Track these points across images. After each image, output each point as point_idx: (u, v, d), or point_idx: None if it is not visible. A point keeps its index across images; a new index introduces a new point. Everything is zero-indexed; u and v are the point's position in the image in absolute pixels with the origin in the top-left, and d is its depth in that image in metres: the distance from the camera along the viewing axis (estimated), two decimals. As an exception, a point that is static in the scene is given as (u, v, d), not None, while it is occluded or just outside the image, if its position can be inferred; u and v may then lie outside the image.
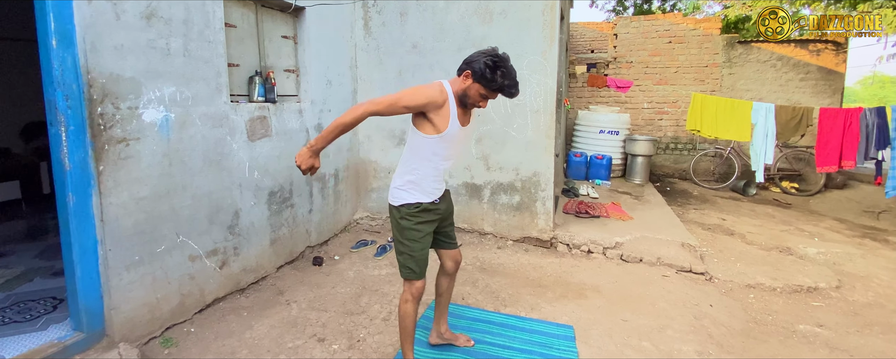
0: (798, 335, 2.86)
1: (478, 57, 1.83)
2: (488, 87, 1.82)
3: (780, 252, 4.24)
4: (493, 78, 1.79)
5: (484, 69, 1.78)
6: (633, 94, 7.46)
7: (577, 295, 3.19)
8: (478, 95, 1.86)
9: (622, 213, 4.76)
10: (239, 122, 2.86)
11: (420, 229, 2.00)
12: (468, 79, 1.85)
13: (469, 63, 1.84)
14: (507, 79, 1.81)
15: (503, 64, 1.80)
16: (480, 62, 1.80)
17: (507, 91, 1.83)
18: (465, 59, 1.88)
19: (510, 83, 1.82)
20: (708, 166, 7.25)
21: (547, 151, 3.88)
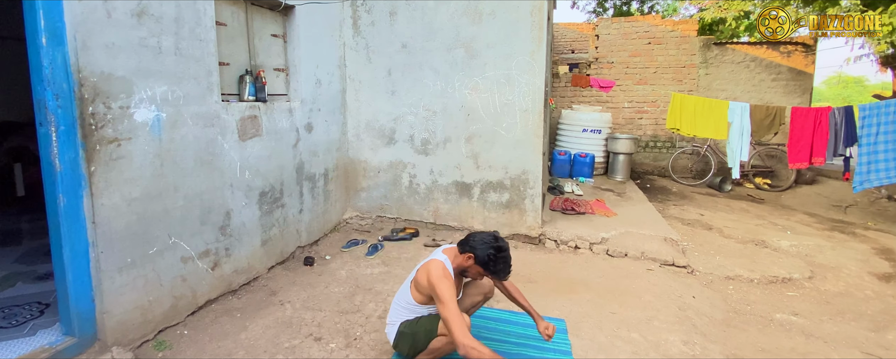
0: (775, 324, 3.01)
1: (481, 245, 2.02)
2: (487, 271, 2.05)
3: (755, 245, 4.43)
4: (495, 267, 2.03)
5: (487, 260, 2.01)
6: (615, 93, 7.64)
7: (566, 289, 3.27)
8: (477, 274, 2.09)
9: (606, 209, 4.88)
10: (230, 121, 2.83)
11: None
12: (470, 260, 2.04)
13: (473, 248, 2.03)
14: (505, 266, 2.05)
15: (503, 253, 2.03)
16: (485, 252, 2.01)
17: (501, 276, 2.08)
18: (468, 242, 2.07)
19: (506, 269, 2.05)
20: (686, 164, 7.48)
21: (535, 149, 3.96)
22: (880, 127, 4.39)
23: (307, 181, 3.73)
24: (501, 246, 2.04)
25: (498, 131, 3.99)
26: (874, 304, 3.36)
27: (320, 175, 3.93)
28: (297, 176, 3.59)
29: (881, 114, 4.41)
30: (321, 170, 3.93)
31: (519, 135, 3.95)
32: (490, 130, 4.01)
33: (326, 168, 4.00)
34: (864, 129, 4.48)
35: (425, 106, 4.12)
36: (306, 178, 3.71)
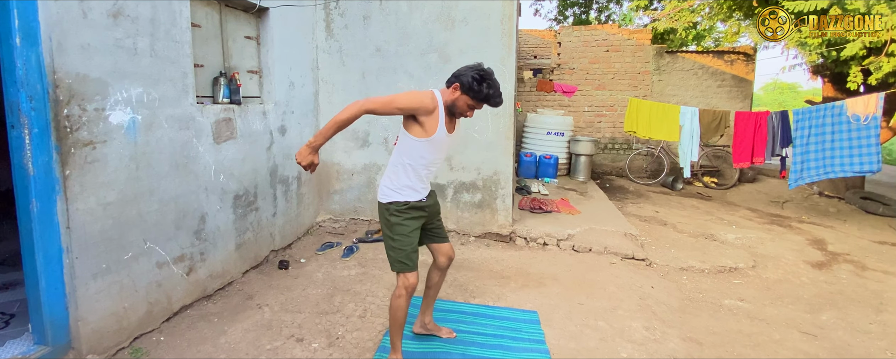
0: (725, 309, 3.30)
1: (466, 71, 1.98)
2: (475, 98, 1.98)
3: (705, 239, 4.80)
4: (480, 90, 1.95)
5: (472, 82, 1.94)
6: (576, 98, 8.00)
7: (537, 284, 3.44)
8: (465, 106, 2.02)
9: (571, 208, 5.13)
10: (205, 124, 2.81)
11: (408, 224, 2.14)
12: (457, 91, 2.00)
13: (458, 76, 1.99)
14: (492, 89, 1.97)
15: (489, 77, 1.97)
16: (468, 76, 1.96)
17: (492, 101, 2.00)
18: (453, 73, 2.04)
19: (494, 93, 1.98)
20: (641, 164, 7.94)
21: (506, 151, 4.12)
22: (811, 129, 4.88)
23: (281, 184, 3.72)
24: (485, 69, 1.98)
25: (471, 134, 4.13)
26: (809, 289, 3.74)
27: (293, 178, 3.92)
28: (271, 179, 3.57)
29: (812, 117, 4.89)
30: (294, 173, 3.92)
31: (491, 137, 4.11)
32: (463, 133, 4.14)
33: (299, 171, 3.99)
34: (797, 131, 4.96)
35: (399, 109, 4.19)
36: (280, 181, 3.70)
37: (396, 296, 2.15)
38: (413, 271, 2.14)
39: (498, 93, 2.00)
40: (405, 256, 2.12)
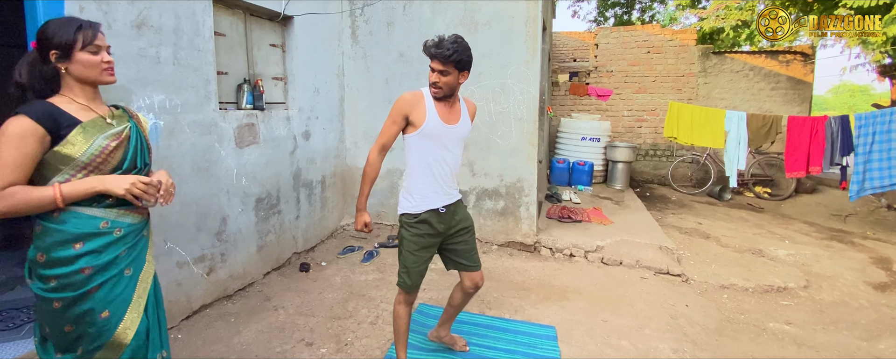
0: (768, 333, 3.00)
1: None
2: (427, 54, 1.91)
3: (752, 254, 4.42)
4: (424, 45, 1.90)
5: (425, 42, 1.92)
6: (614, 102, 7.68)
7: (559, 297, 3.29)
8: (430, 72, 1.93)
9: (603, 217, 4.90)
10: (227, 129, 2.90)
11: (415, 242, 2.02)
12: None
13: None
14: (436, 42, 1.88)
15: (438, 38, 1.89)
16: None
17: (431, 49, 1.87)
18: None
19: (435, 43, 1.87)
20: (685, 172, 7.49)
21: (530, 157, 3.99)
22: (875, 136, 4.39)
23: (304, 188, 3.79)
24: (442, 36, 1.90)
25: (493, 139, 4.04)
26: (868, 313, 3.35)
27: (317, 182, 3.98)
28: (294, 183, 3.64)
29: (877, 123, 4.41)
30: (318, 177, 3.98)
31: (514, 143, 4.00)
32: (485, 138, 4.06)
33: (324, 175, 4.05)
34: (860, 138, 4.48)
35: (422, 114, 4.17)
36: (303, 185, 3.77)
37: (396, 302, 2.12)
38: (409, 293, 2.07)
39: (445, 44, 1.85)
40: (405, 272, 2.05)
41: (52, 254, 1.25)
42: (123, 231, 1.35)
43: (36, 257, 1.26)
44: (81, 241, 1.27)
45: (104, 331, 1.31)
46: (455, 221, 2.10)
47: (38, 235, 1.27)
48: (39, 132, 1.22)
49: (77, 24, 1.29)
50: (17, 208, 1.21)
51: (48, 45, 1.27)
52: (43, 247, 1.26)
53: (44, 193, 1.23)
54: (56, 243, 1.25)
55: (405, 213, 2.03)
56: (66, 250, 1.26)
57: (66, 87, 1.31)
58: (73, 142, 1.26)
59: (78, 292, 1.27)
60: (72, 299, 1.27)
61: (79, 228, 1.27)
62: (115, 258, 1.32)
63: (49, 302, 1.28)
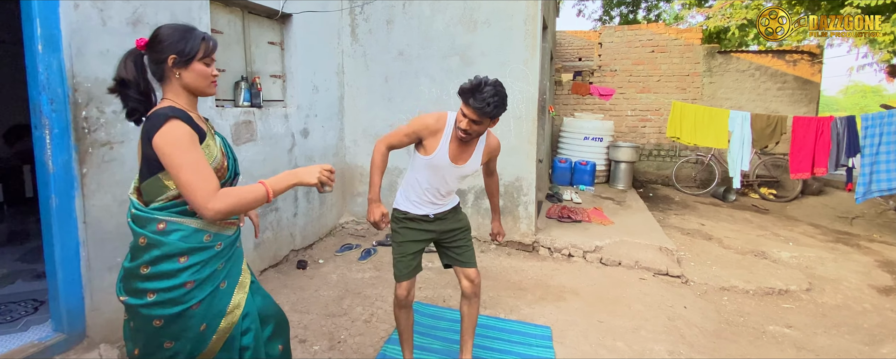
0: (767, 336, 2.97)
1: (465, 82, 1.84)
2: (463, 100, 1.81)
3: (754, 256, 4.37)
4: (463, 89, 1.79)
5: (462, 89, 1.80)
6: (617, 101, 7.62)
7: (555, 297, 3.27)
8: (459, 113, 1.84)
9: (603, 217, 4.86)
10: (224, 126, 2.91)
11: (402, 233, 2.09)
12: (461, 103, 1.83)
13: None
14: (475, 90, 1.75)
15: (481, 79, 1.78)
16: (463, 84, 1.82)
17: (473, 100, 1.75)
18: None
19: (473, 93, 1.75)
20: (690, 173, 7.41)
21: (529, 156, 3.97)
22: (882, 137, 4.32)
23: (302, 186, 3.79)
24: (484, 77, 1.79)
25: (492, 138, 4.02)
26: (872, 317, 3.29)
27: (316, 180, 3.98)
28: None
29: (884, 124, 4.33)
30: (317, 174, 3.98)
31: (513, 142, 3.98)
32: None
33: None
34: (866, 139, 4.41)
35: (421, 112, 4.17)
36: (301, 182, 3.77)
37: (393, 306, 2.16)
38: (401, 282, 2.09)
39: (483, 96, 1.73)
40: (396, 263, 2.09)
41: (157, 267, 1.23)
42: (223, 245, 1.33)
43: (138, 269, 1.23)
44: (187, 254, 1.25)
45: (200, 343, 1.30)
46: (449, 225, 2.14)
47: (143, 247, 1.24)
48: (195, 137, 1.22)
49: (201, 35, 1.30)
50: (236, 207, 1.20)
51: (166, 49, 1.25)
52: (148, 259, 1.23)
53: (257, 190, 1.24)
54: (163, 256, 1.23)
55: (397, 208, 2.12)
56: (172, 264, 1.23)
57: (173, 92, 1.29)
58: (205, 151, 1.27)
59: (180, 307, 1.25)
60: (174, 315, 1.25)
61: (186, 242, 1.25)
62: (214, 272, 1.31)
63: (148, 320, 1.25)
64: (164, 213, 1.25)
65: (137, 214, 1.26)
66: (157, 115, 1.21)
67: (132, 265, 1.25)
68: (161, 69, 1.27)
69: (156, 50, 1.26)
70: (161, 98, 1.32)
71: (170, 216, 1.25)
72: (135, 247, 1.26)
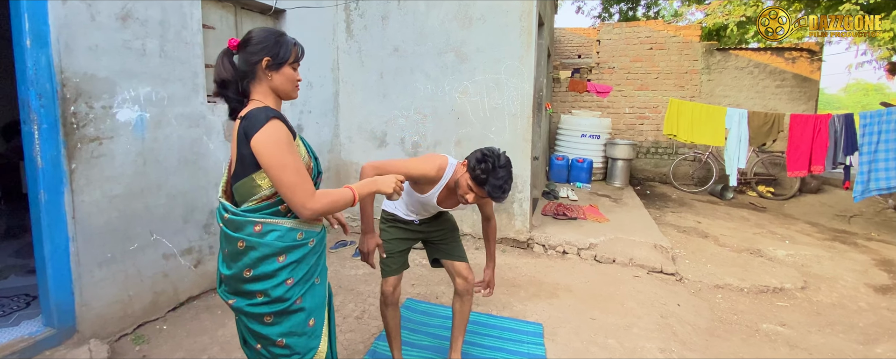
0: (761, 334, 2.96)
1: (476, 154, 1.82)
2: (472, 177, 1.78)
3: (750, 254, 4.36)
4: (476, 168, 1.76)
5: (474, 160, 1.79)
6: (615, 99, 7.60)
7: (548, 294, 3.27)
8: (466, 185, 1.83)
9: (599, 215, 4.85)
10: (216, 122, 2.90)
11: (390, 232, 2.13)
12: (464, 167, 1.85)
13: (469, 157, 1.85)
14: (490, 175, 1.74)
15: (493, 160, 1.76)
16: (476, 154, 1.81)
17: (487, 186, 1.76)
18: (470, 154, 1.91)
19: (493, 180, 1.74)
20: (687, 171, 7.39)
21: (524, 153, 3.96)
22: (881, 135, 4.30)
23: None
24: (495, 152, 1.78)
25: (487, 135, 4.01)
26: (867, 316, 3.28)
27: (311, 176, 3.98)
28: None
29: (882, 122, 4.31)
30: (312, 171, 3.98)
31: (508, 139, 3.97)
32: (479, 134, 4.03)
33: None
34: (864, 137, 4.39)
35: (416, 109, 4.16)
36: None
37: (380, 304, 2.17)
38: (388, 277, 2.10)
39: (497, 182, 1.74)
40: (383, 259, 2.09)
41: (259, 269, 1.25)
42: (315, 241, 1.35)
43: (242, 273, 1.25)
44: (284, 254, 1.27)
45: (313, 340, 1.34)
46: (435, 226, 2.18)
47: (242, 251, 1.25)
48: (292, 138, 1.25)
49: (292, 41, 1.34)
50: (330, 208, 1.25)
51: (261, 51, 1.27)
52: (249, 262, 1.24)
53: (346, 193, 1.30)
54: (263, 258, 1.24)
55: (384, 210, 2.18)
56: (271, 264, 1.26)
57: (261, 93, 1.31)
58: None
59: (285, 304, 1.28)
60: (281, 312, 1.28)
61: (282, 242, 1.26)
62: (310, 269, 1.34)
63: (259, 317, 1.28)
64: (258, 214, 1.26)
65: (232, 218, 1.26)
66: (255, 115, 1.22)
67: (234, 271, 1.27)
68: (253, 70, 1.29)
69: (250, 51, 1.28)
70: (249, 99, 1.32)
71: (264, 217, 1.25)
72: (233, 252, 1.26)
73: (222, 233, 1.29)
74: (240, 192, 1.28)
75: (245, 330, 1.34)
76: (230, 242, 1.26)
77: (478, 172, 1.75)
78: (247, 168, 1.24)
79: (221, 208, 1.31)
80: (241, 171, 1.26)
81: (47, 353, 2.09)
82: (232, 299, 1.29)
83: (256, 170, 1.23)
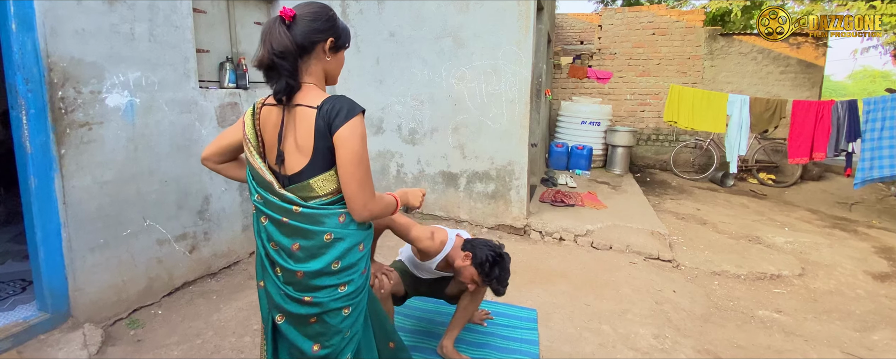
0: (756, 320, 2.96)
1: (484, 248, 1.94)
2: (482, 277, 1.92)
3: (748, 241, 4.34)
4: (491, 273, 1.91)
5: (485, 262, 1.90)
6: (617, 85, 7.51)
7: (544, 280, 3.27)
8: (470, 278, 1.96)
9: (597, 202, 4.83)
10: (208, 107, 2.88)
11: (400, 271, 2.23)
12: (468, 260, 1.94)
13: (474, 248, 1.95)
14: (502, 279, 1.94)
15: (503, 263, 1.94)
16: (484, 253, 1.91)
17: (495, 287, 1.95)
18: (471, 242, 2.00)
19: (503, 281, 1.94)
20: (688, 158, 7.34)
21: (521, 140, 3.93)
22: (885, 121, 4.24)
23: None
24: (502, 253, 1.96)
25: (484, 122, 3.97)
26: (864, 303, 3.28)
27: (307, 163, 3.96)
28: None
29: (886, 108, 4.25)
30: (308, 158, 3.96)
31: (505, 125, 3.93)
32: (477, 121, 4.00)
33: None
34: (867, 123, 4.33)
35: (413, 95, 4.12)
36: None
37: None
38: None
39: (505, 283, 1.95)
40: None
41: (346, 259, 1.22)
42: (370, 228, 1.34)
43: (330, 267, 1.20)
44: (363, 242, 1.27)
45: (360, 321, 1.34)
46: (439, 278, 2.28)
47: (328, 243, 1.21)
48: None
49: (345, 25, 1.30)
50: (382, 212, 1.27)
51: (328, 29, 1.20)
52: (338, 254, 1.21)
53: (391, 201, 1.33)
54: (349, 249, 1.22)
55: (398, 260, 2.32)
56: (355, 254, 1.25)
57: (314, 76, 1.22)
58: None
59: (363, 293, 1.28)
60: (359, 301, 1.28)
61: (361, 229, 1.26)
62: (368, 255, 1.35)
63: (338, 311, 1.25)
64: (336, 206, 1.21)
65: (310, 212, 1.19)
66: (341, 105, 1.15)
67: (322, 265, 1.20)
68: (312, 47, 1.18)
69: (315, 28, 1.17)
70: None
71: (342, 208, 1.22)
72: (318, 245, 1.20)
73: (288, 227, 1.19)
74: (319, 186, 1.19)
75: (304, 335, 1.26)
76: (311, 236, 1.19)
77: (493, 276, 1.92)
78: (327, 162, 1.17)
79: (293, 204, 1.19)
80: (322, 165, 1.17)
81: (42, 337, 2.10)
82: (309, 296, 1.21)
83: (334, 165, 1.18)
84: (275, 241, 1.22)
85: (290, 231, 1.20)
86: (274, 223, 1.22)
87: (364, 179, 1.16)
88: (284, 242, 1.21)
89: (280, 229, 1.21)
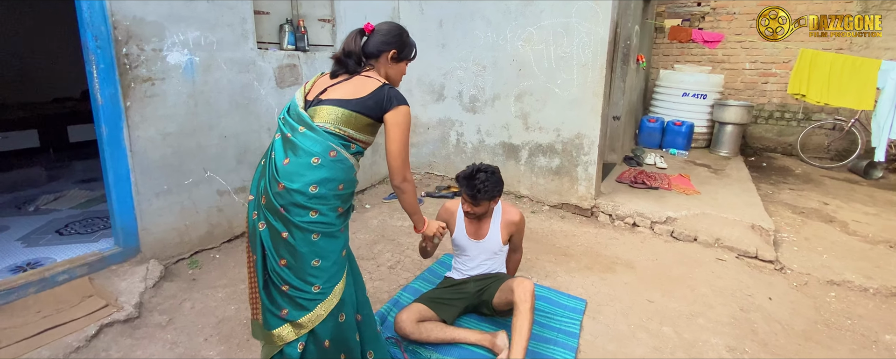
0: (880, 346, 2.33)
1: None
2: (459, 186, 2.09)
3: (890, 247, 3.43)
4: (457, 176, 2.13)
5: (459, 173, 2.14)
6: (734, 51, 6.35)
7: (604, 268, 2.92)
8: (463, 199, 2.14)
9: (688, 185, 4.19)
10: (267, 68, 2.96)
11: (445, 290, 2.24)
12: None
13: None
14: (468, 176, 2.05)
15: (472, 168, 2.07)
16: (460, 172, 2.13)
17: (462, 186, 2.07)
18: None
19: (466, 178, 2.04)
20: (822, 141, 6.02)
21: (594, 110, 3.48)
22: None
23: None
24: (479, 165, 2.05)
25: (551, 89, 3.59)
26: None
27: (368, 128, 3.97)
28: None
29: None
30: (369, 123, 3.97)
31: (575, 93, 3.51)
32: (542, 87, 3.63)
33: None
34: None
35: (475, 60, 3.86)
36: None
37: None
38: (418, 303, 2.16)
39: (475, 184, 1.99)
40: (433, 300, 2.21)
41: (322, 188, 1.39)
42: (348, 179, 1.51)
43: (307, 189, 1.37)
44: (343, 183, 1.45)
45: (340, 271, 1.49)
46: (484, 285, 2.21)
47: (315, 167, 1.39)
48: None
49: (414, 44, 1.66)
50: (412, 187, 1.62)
51: (393, 43, 1.55)
52: (316, 179, 1.38)
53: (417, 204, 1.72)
54: (329, 179, 1.40)
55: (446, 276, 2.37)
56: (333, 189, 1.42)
57: (379, 73, 1.57)
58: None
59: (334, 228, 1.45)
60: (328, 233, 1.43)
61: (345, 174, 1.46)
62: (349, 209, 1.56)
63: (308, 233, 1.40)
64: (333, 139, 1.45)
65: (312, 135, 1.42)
66: (395, 94, 1.49)
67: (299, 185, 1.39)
68: (378, 55, 1.56)
69: (384, 41, 1.54)
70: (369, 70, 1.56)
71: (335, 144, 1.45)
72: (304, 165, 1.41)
73: (288, 142, 1.40)
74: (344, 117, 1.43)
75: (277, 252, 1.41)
76: (303, 154, 1.38)
77: (460, 177, 2.06)
78: (369, 110, 1.45)
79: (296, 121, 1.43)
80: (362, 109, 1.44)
81: (113, 267, 2.39)
82: (282, 209, 1.37)
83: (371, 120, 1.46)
84: (274, 151, 1.43)
85: (288, 146, 1.41)
86: (282, 140, 1.43)
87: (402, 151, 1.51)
88: (279, 155, 1.41)
89: (283, 144, 1.42)
